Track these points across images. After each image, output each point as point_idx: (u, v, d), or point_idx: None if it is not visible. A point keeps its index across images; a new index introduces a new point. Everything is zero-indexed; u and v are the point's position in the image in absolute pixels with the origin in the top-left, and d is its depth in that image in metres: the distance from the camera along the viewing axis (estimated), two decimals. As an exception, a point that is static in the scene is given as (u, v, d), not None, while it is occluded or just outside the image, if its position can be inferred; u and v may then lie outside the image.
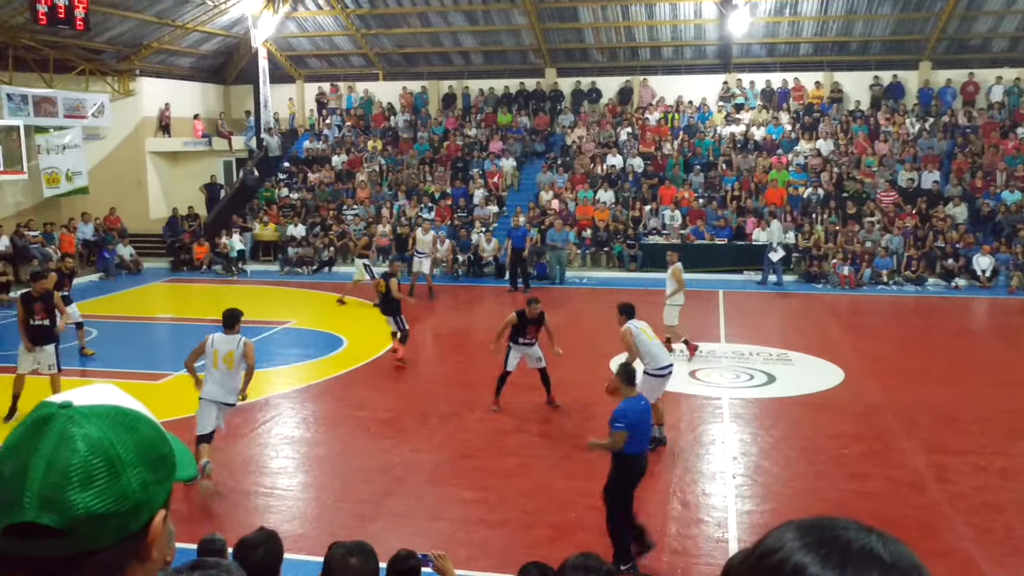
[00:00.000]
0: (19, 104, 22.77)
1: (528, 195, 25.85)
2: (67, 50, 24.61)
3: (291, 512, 8.68)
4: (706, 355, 14.58)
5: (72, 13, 20.63)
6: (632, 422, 7.22)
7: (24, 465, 1.11)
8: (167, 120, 28.38)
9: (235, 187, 28.55)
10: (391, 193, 26.68)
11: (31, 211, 24.55)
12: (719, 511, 8.62)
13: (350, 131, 29.83)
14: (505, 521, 8.37)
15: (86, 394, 1.21)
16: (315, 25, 29.48)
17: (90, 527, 1.12)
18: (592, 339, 15.97)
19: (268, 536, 4.05)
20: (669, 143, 26.93)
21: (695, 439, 10.71)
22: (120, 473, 1.14)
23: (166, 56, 28.34)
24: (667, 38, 28.31)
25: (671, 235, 23.51)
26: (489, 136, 28.46)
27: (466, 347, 15.86)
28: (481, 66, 30.54)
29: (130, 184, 27.67)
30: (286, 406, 12.27)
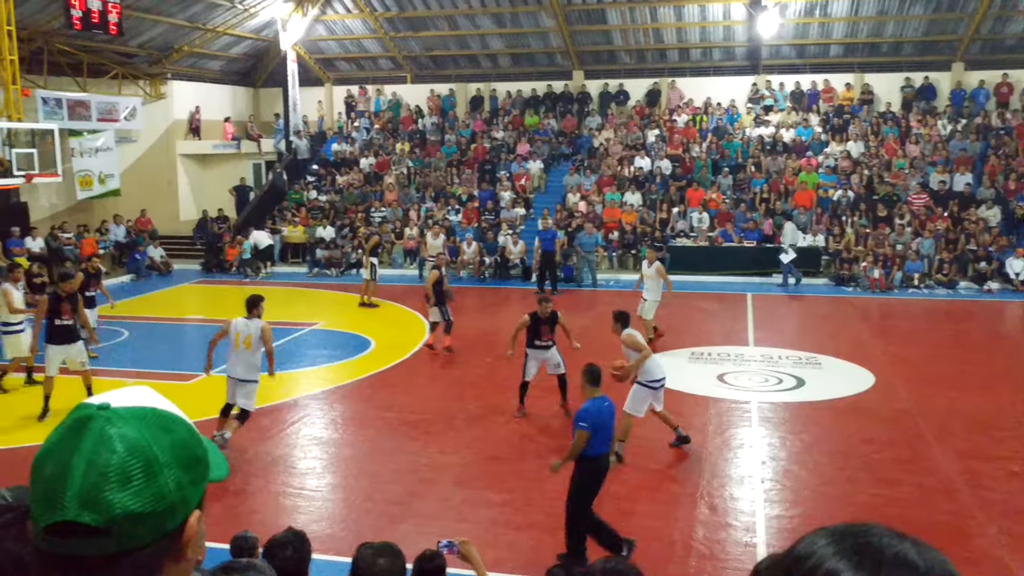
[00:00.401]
0: (54, 108, 23.08)
1: (555, 197, 25.83)
2: (100, 54, 24.93)
3: (319, 512, 8.73)
4: (734, 358, 14.50)
5: (106, 18, 20.89)
6: (595, 422, 7.24)
7: (65, 465, 1.13)
8: (197, 123, 28.66)
9: (264, 189, 28.77)
10: (419, 196, 26.77)
11: (65, 213, 24.89)
12: (747, 515, 8.57)
13: (378, 134, 29.97)
14: (532, 524, 8.37)
15: (123, 396, 1.23)
16: (344, 28, 29.65)
17: (128, 526, 1.14)
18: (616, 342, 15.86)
19: (296, 536, 4.07)
20: (697, 145, 26.81)
21: (723, 443, 10.65)
22: (157, 474, 1.16)
23: (197, 59, 28.62)
24: (695, 40, 28.19)
25: (698, 237, 23.41)
26: (516, 138, 28.48)
27: (493, 350, 15.84)
28: (509, 68, 30.58)
29: (161, 186, 27.97)
30: (314, 407, 12.34)
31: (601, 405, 7.43)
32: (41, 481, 1.15)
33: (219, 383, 13.43)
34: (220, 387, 13.17)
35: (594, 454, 7.33)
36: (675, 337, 16.04)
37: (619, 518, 8.44)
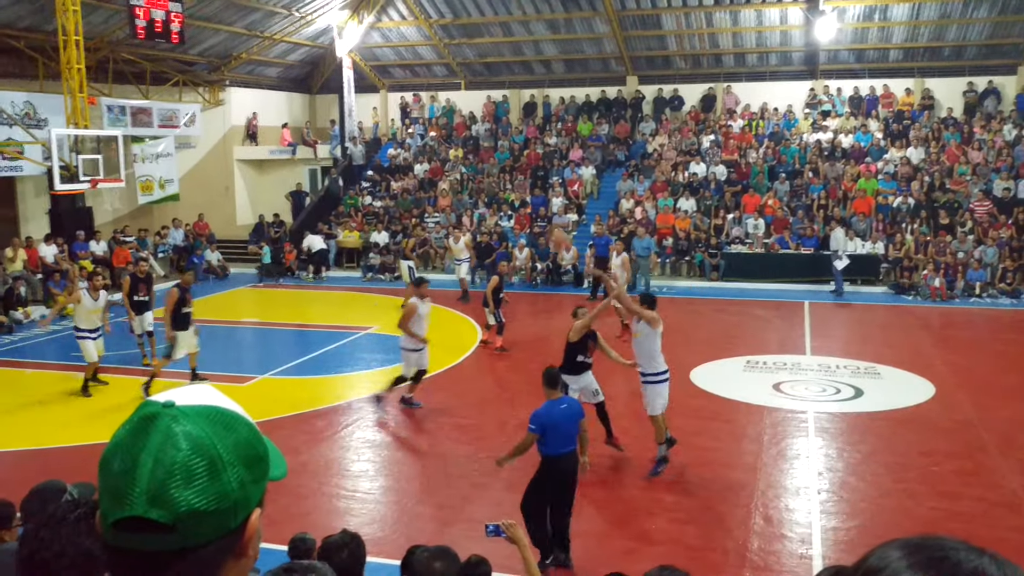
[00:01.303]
0: (118, 115, 23.65)
1: (608, 203, 25.73)
2: (162, 62, 25.47)
3: (372, 515, 8.78)
4: (791, 367, 14.28)
5: (168, 27, 21.33)
6: (545, 423, 7.32)
7: (132, 462, 1.16)
8: (254, 129, 29.11)
9: (320, 195, 29.11)
10: (471, 201, 26.87)
11: (127, 217, 25.45)
12: (803, 527, 8.42)
13: (432, 140, 30.16)
14: (583, 531, 8.31)
15: (186, 394, 1.25)
16: (399, 35, 29.90)
17: (193, 523, 1.16)
18: (672, 349, 15.74)
19: (352, 538, 4.09)
20: (753, 150, 26.52)
21: (779, 453, 10.48)
22: (220, 472, 1.18)
23: (254, 67, 29.09)
24: (752, 45, 27.90)
25: (754, 244, 23.13)
26: (569, 144, 28.44)
27: (544, 355, 15.80)
28: (562, 74, 30.57)
29: (218, 191, 28.45)
30: (368, 410, 12.42)
31: (555, 407, 7.46)
32: (109, 477, 1.17)
33: (274, 385, 13.65)
34: (274, 389, 13.38)
35: (550, 453, 7.40)
36: (730, 345, 15.86)
37: (674, 527, 8.37)
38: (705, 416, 11.80)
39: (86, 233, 22.08)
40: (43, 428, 11.67)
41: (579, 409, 7.66)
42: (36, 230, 21.99)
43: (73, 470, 9.55)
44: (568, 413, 7.50)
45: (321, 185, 30.25)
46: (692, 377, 13.59)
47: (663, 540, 8.08)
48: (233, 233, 27.73)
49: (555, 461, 7.43)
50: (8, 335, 17.67)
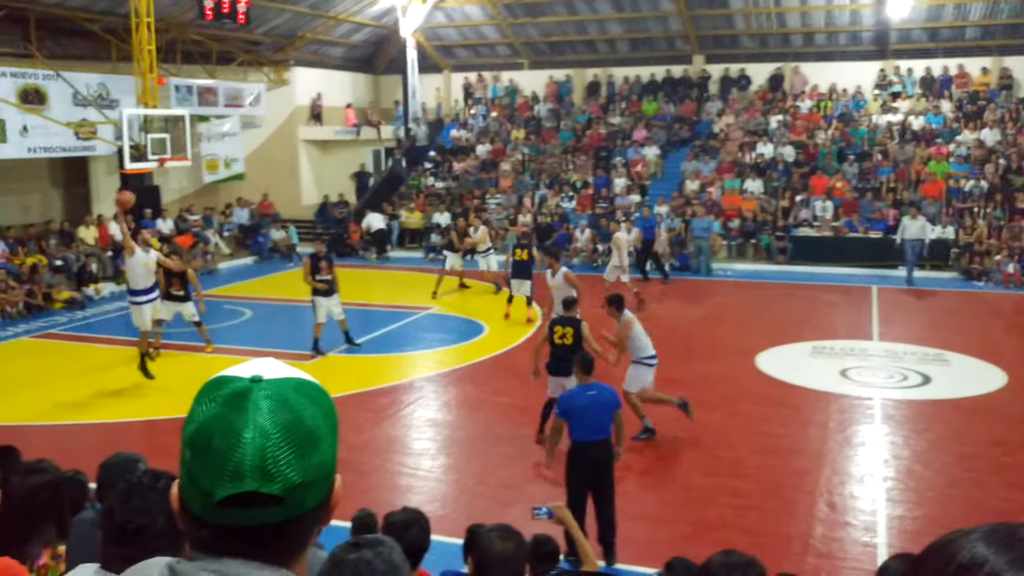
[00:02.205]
0: (185, 94, 24.05)
1: (672, 184, 25.45)
2: (228, 42, 25.82)
3: (433, 493, 8.85)
4: (858, 353, 14.00)
5: (235, 7, 21.59)
6: (569, 408, 7.28)
7: (236, 437, 1.15)
8: (319, 109, 29.38)
9: (383, 175, 29.30)
10: (533, 182, 26.81)
11: (193, 196, 25.92)
12: (867, 515, 8.27)
13: (494, 121, 30.13)
14: (643, 515, 8.28)
15: (265, 367, 1.24)
16: (462, 15, 29.86)
17: (300, 494, 1.17)
18: (736, 334, 15.59)
19: (419, 516, 4.11)
20: (822, 131, 25.96)
21: (844, 440, 10.30)
22: (319, 441, 1.20)
23: (319, 46, 29.31)
24: (821, 24, 27.25)
25: (822, 227, 22.68)
26: (633, 124, 28.17)
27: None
28: (627, 54, 30.24)
29: (283, 171, 28.80)
30: (429, 389, 12.52)
31: (583, 393, 7.39)
32: (209, 454, 1.17)
33: (337, 363, 13.83)
34: (338, 367, 13.55)
35: (578, 440, 7.29)
36: (796, 330, 15.61)
37: (736, 513, 8.29)
38: (771, 402, 11.64)
39: (153, 211, 22.57)
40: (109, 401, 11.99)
41: (612, 398, 7.43)
42: (107, 208, 22.52)
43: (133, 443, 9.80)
44: (598, 400, 7.33)
45: (385, 166, 30.45)
46: (758, 362, 13.42)
47: (724, 526, 8.00)
48: (298, 213, 28.07)
49: (583, 447, 7.28)
50: (80, 310, 18.18)
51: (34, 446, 8.08)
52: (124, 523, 2.35)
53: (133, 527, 2.34)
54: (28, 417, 11.32)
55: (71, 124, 20.46)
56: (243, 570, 1.18)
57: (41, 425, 11.07)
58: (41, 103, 20.00)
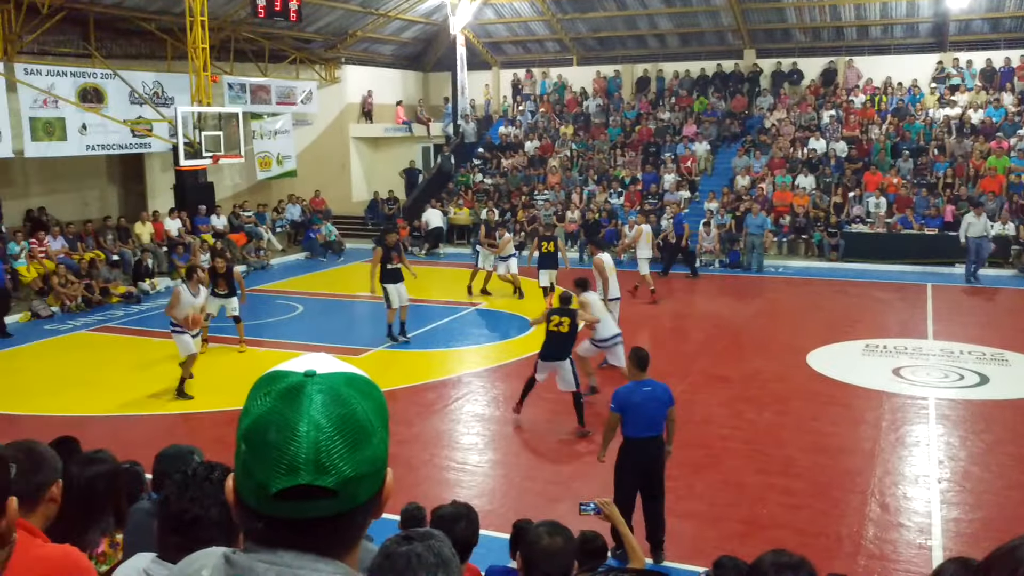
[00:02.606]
0: (238, 92, 24.40)
1: (722, 180, 25.20)
2: (280, 41, 26.13)
3: (481, 487, 8.89)
4: (912, 352, 13.75)
5: (287, 5, 21.85)
6: (625, 404, 7.24)
7: (292, 431, 1.17)
8: (369, 106, 29.61)
9: (432, 172, 29.44)
10: (581, 178, 26.73)
11: (246, 192, 26.30)
12: (921, 516, 8.12)
13: (543, 117, 30.09)
14: (693, 512, 8.23)
15: (318, 362, 1.26)
16: (511, 11, 29.86)
17: (353, 487, 1.19)
18: (788, 332, 15.41)
19: (468, 510, 4.13)
20: (876, 126, 25.51)
21: (897, 440, 10.12)
22: (371, 435, 1.22)
23: (369, 44, 29.53)
24: (876, 16, 26.76)
25: (875, 223, 22.29)
26: (683, 119, 27.95)
27: (654, 334, 15.70)
28: (677, 48, 30.01)
29: (334, 168, 29.08)
30: (477, 384, 12.56)
31: (636, 388, 7.33)
32: (264, 447, 1.19)
33: (387, 357, 13.94)
34: (388, 361, 13.67)
35: (631, 436, 7.27)
36: (848, 328, 15.38)
37: (786, 512, 8.19)
38: (822, 400, 11.49)
39: (207, 207, 22.93)
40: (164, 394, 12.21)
41: (666, 395, 7.41)
42: (162, 204, 22.97)
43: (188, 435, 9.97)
44: (652, 396, 7.32)
45: (434, 163, 30.59)
46: (809, 360, 13.26)
47: (774, 524, 7.92)
48: (349, 209, 28.33)
49: (635, 443, 7.28)
50: (136, 305, 18.55)
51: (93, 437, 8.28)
52: (180, 513, 2.40)
53: (189, 517, 2.39)
54: (87, 408, 11.59)
55: (128, 122, 20.88)
56: (297, 562, 1.20)
57: (99, 416, 11.33)
58: (99, 102, 20.45)
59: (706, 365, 13.26)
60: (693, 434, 10.33)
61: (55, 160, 20.49)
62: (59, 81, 19.50)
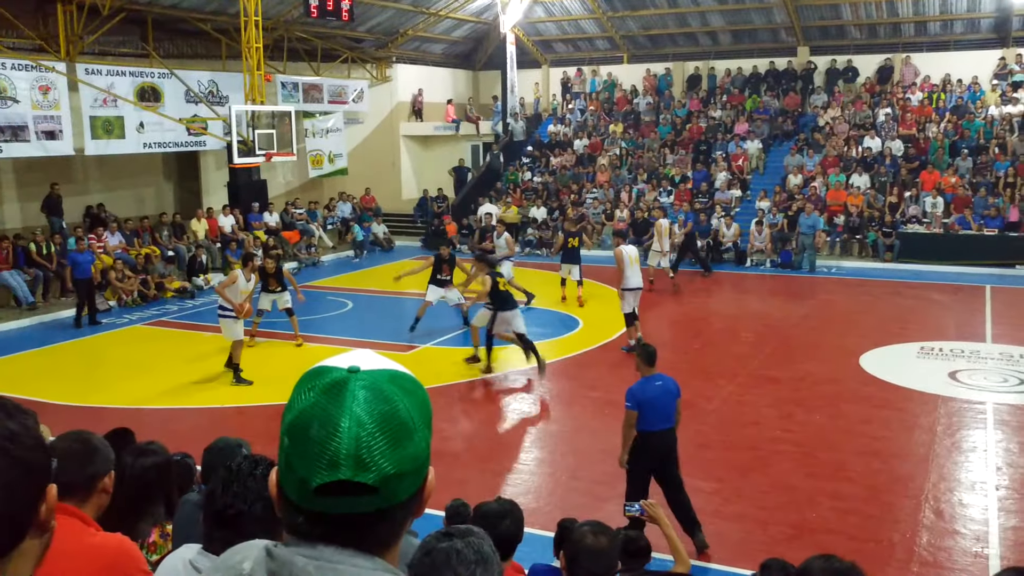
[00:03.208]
0: (291, 91, 24.70)
1: (774, 178, 24.89)
2: (332, 40, 26.38)
3: (526, 486, 8.88)
4: (969, 355, 13.44)
5: (339, 5, 22.06)
6: (641, 400, 7.38)
7: (334, 426, 1.18)
8: (419, 105, 29.76)
9: (481, 170, 29.52)
10: (630, 177, 26.58)
11: (298, 190, 26.61)
12: (978, 524, 7.93)
13: (592, 115, 29.99)
14: (741, 515, 8.14)
15: (362, 358, 1.26)
16: (562, 9, 29.81)
17: (394, 484, 1.20)
18: (840, 333, 15.16)
19: (512, 507, 4.12)
20: (934, 124, 24.98)
21: (953, 445, 9.90)
22: (413, 432, 1.22)
23: (420, 43, 29.69)
24: (935, 12, 26.20)
25: (932, 223, 21.84)
26: (734, 117, 27.66)
27: (703, 335, 15.56)
28: (729, 46, 29.70)
29: (384, 166, 29.30)
30: (523, 382, 12.56)
31: (650, 384, 7.46)
32: (307, 442, 1.19)
33: (435, 354, 14.01)
34: (435, 358, 13.73)
35: (646, 429, 7.41)
36: (903, 330, 15.09)
37: (837, 516, 8.06)
38: (875, 404, 11.28)
39: (260, 205, 23.24)
40: (216, 387, 12.41)
41: (676, 387, 7.57)
42: (216, 201, 23.34)
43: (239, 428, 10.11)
44: (663, 390, 7.48)
45: (483, 161, 30.66)
46: (862, 363, 13.03)
47: (824, 529, 7.80)
48: (399, 207, 28.52)
49: (650, 437, 7.43)
50: (191, 299, 18.87)
51: (147, 429, 8.44)
52: (224, 508, 2.43)
53: (232, 512, 2.42)
54: (142, 400, 11.82)
55: (183, 120, 21.24)
56: (337, 557, 1.20)
57: (153, 408, 11.55)
58: (156, 100, 20.84)
59: (755, 366, 13.10)
60: (741, 436, 10.24)
61: (113, 158, 20.94)
62: (118, 81, 19.92)
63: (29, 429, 1.25)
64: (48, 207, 19.53)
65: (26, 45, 18.86)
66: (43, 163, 19.30)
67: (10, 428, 1.22)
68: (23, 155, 18.43)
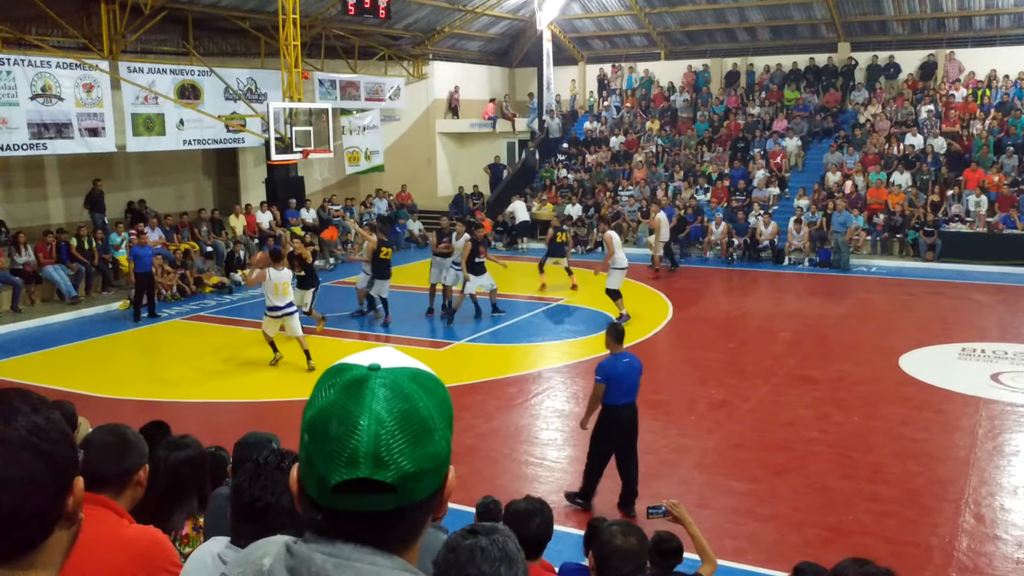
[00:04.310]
0: (328, 88, 24.86)
1: (813, 176, 24.61)
2: (369, 37, 26.51)
3: (558, 483, 8.86)
4: (1012, 357, 13.19)
5: (376, 2, 22.16)
6: (610, 374, 7.93)
7: (353, 424, 1.18)
8: (456, 102, 29.82)
9: (517, 167, 29.50)
10: (667, 174, 26.42)
11: (335, 187, 26.78)
12: (1019, 529, 7.78)
13: (628, 112, 29.85)
14: (775, 516, 8.06)
15: (383, 356, 1.26)
16: (599, 5, 29.69)
17: (412, 483, 1.19)
18: (879, 333, 14.96)
19: (542, 506, 4.10)
20: (978, 121, 24.54)
21: (995, 448, 9.72)
22: (432, 431, 1.21)
23: (456, 40, 29.74)
24: (980, 6, 25.72)
25: (975, 222, 21.47)
26: (773, 114, 27.38)
27: (739, 334, 15.43)
28: (768, 42, 29.40)
29: (420, 163, 29.40)
30: (557, 380, 12.54)
31: (619, 360, 8.02)
32: (326, 440, 1.20)
33: (469, 351, 14.04)
34: (470, 355, 13.76)
35: (611, 403, 7.99)
36: (945, 330, 14.86)
37: (874, 519, 7.95)
38: (914, 405, 11.12)
39: (297, 201, 23.42)
40: (252, 381, 12.53)
41: (639, 364, 8.19)
42: (254, 198, 23.55)
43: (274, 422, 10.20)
44: (630, 366, 8.07)
45: (518, 158, 30.65)
46: (902, 363, 12.84)
47: (861, 531, 7.69)
48: (434, 204, 28.59)
49: (615, 410, 7.99)
50: (228, 295, 19.07)
51: (185, 422, 8.54)
52: (252, 501, 2.45)
53: (260, 505, 2.43)
54: (179, 394, 11.97)
55: (222, 117, 21.47)
56: (356, 555, 1.20)
57: (191, 402, 11.69)
58: (196, 98, 21.08)
59: (792, 366, 12.97)
60: (777, 436, 10.14)
61: (154, 154, 21.22)
62: (159, 78, 20.18)
63: (55, 423, 1.27)
64: (90, 203, 19.85)
65: (70, 44, 19.17)
66: (86, 159, 19.62)
67: (35, 422, 1.24)
68: (67, 152, 18.76)
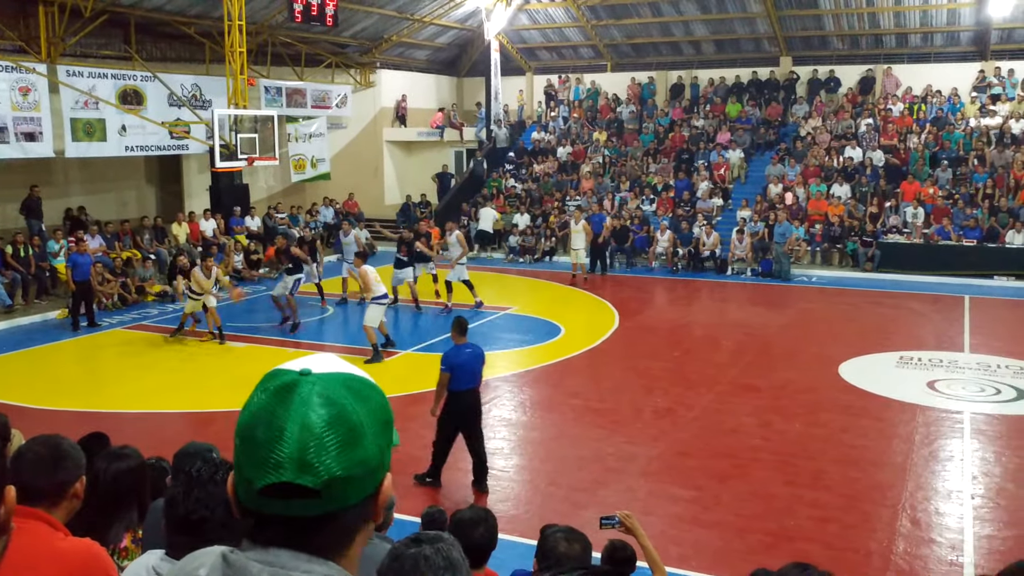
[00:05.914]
0: (274, 96, 24.66)
1: (755, 188, 25.02)
2: (316, 45, 26.36)
3: (505, 493, 8.86)
4: (947, 365, 13.54)
5: (323, 10, 22.05)
6: (453, 364, 8.58)
7: (279, 429, 1.18)
8: (403, 111, 29.75)
9: (464, 177, 29.52)
10: (614, 184, 26.66)
11: (280, 194, 26.55)
12: (954, 532, 7.98)
13: (576, 122, 30.06)
14: (719, 523, 8.15)
15: (317, 362, 1.26)
16: (546, 17, 29.89)
17: (338, 489, 1.19)
18: (819, 342, 15.24)
19: (486, 515, 4.11)
20: (914, 135, 25.19)
21: (930, 454, 9.96)
22: (362, 437, 1.21)
23: (404, 49, 29.70)
24: (915, 24, 26.45)
25: (912, 233, 22.00)
26: (717, 127, 27.80)
27: (684, 343, 15.61)
28: (712, 55, 29.86)
29: (368, 171, 29.27)
30: (504, 389, 12.55)
31: (462, 351, 8.70)
32: (254, 445, 1.19)
33: (416, 360, 13.98)
34: (416, 364, 13.71)
35: (456, 389, 8.62)
36: (882, 339, 15.18)
37: (814, 524, 8.09)
38: (853, 412, 11.34)
39: (242, 209, 23.15)
40: (195, 391, 12.34)
41: (481, 352, 8.88)
42: (198, 205, 23.24)
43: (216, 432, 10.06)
44: (473, 356, 8.75)
45: (466, 167, 30.67)
46: (841, 371, 13.10)
47: (802, 537, 7.82)
48: (381, 212, 28.47)
49: (459, 396, 8.64)
50: (171, 303, 18.75)
51: (126, 433, 8.37)
52: (186, 514, 2.42)
53: (195, 518, 2.40)
54: (120, 405, 11.73)
55: (166, 124, 21.16)
56: (292, 562, 1.20)
57: (132, 413, 11.46)
58: (139, 103, 20.75)
59: (735, 375, 13.15)
60: (721, 444, 10.27)
61: (95, 160, 20.82)
62: (100, 83, 19.81)
63: None
64: (27, 209, 19.37)
65: (6, 46, 18.75)
66: (22, 165, 19.16)
67: None
68: (2, 157, 18.29)
